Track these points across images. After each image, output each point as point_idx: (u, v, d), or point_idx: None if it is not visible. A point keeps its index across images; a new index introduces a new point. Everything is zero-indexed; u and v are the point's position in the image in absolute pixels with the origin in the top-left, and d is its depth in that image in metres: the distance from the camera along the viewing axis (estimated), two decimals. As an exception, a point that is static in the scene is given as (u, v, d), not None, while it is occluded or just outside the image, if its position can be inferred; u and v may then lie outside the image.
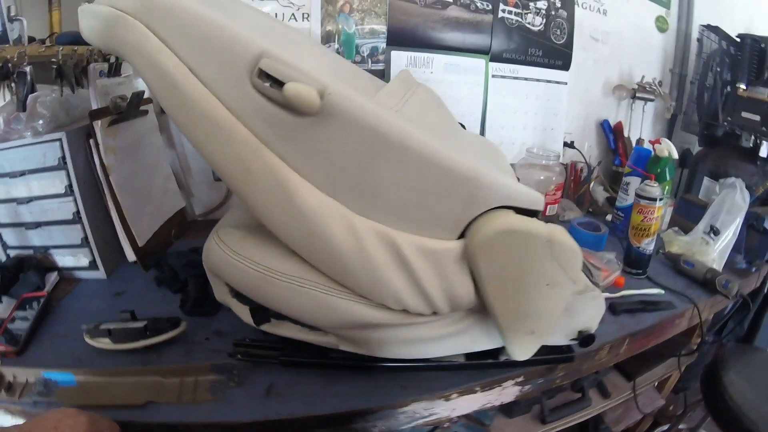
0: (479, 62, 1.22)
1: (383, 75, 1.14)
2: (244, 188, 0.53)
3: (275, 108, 0.49)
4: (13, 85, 0.81)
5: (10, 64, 0.79)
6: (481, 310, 0.61)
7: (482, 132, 1.25)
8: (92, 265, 0.97)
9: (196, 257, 0.90)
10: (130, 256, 0.96)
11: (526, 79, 1.27)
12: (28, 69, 0.80)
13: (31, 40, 0.91)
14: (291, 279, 0.57)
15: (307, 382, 0.70)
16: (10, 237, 0.99)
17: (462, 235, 0.55)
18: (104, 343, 0.77)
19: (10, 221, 0.97)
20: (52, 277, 0.97)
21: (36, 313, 0.86)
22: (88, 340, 0.77)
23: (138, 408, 0.68)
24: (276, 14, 1.07)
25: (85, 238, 0.94)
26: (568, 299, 0.60)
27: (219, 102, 0.51)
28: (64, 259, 0.98)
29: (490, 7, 1.19)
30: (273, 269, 0.57)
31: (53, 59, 0.84)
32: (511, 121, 1.28)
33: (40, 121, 0.85)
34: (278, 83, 0.47)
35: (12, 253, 1.00)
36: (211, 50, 0.50)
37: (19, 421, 0.73)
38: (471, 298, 0.57)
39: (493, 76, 1.23)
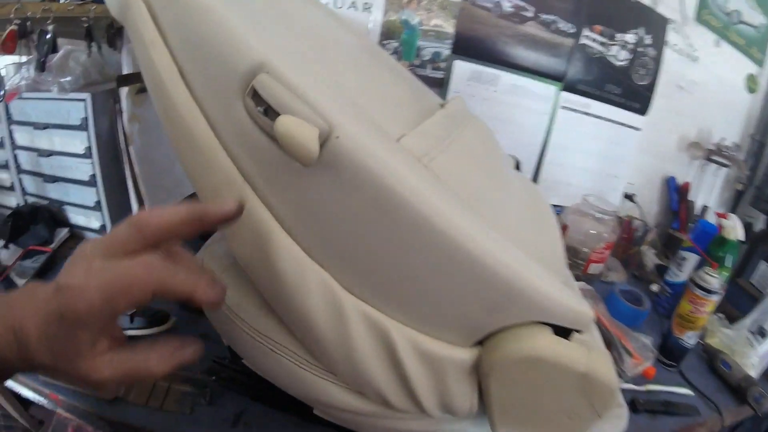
0: (550, 89, 1.05)
1: (441, 84, 0.99)
2: None
3: (266, 141, 0.36)
4: (33, 43, 0.71)
5: (29, 22, 0.69)
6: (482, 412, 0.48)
7: (538, 168, 1.09)
8: (102, 230, 0.90)
9: (203, 249, 0.82)
10: None
11: (597, 116, 1.09)
12: (50, 28, 0.70)
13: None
14: (263, 339, 0.45)
15: (280, 420, 0.62)
16: (30, 184, 0.93)
17: (477, 342, 0.42)
18: (89, 322, 0.70)
19: (32, 169, 0.91)
20: (63, 233, 0.90)
21: (37, 268, 0.80)
22: (77, 313, 0.72)
23: (106, 402, 0.61)
24: (335, 0, 0.94)
25: (98, 202, 0.87)
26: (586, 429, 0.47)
27: (204, 118, 0.40)
28: (76, 217, 0.92)
29: (574, 30, 1.02)
30: (247, 322, 0.46)
31: (84, 18, 0.74)
32: (572, 160, 1.11)
33: (69, 78, 0.76)
34: (274, 112, 0.35)
35: (30, 200, 0.95)
36: (205, 50, 0.38)
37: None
38: (471, 410, 0.45)
39: (563, 107, 1.06)
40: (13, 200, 0.98)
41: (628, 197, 1.14)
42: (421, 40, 0.97)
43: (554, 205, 1.09)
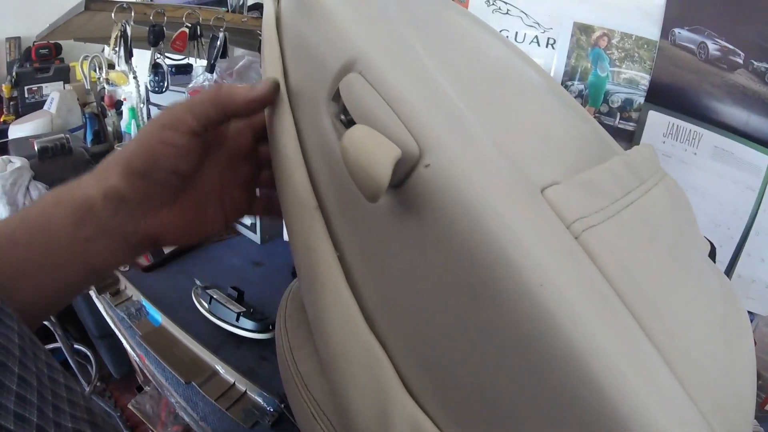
0: (761, 158, 0.79)
1: (630, 138, 0.81)
2: (289, 238, 0.33)
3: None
4: (203, 46, 0.72)
5: (199, 26, 0.70)
6: None
7: (734, 257, 0.83)
8: (252, 227, 0.94)
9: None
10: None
11: (816, 201, 0.81)
12: (221, 35, 0.71)
13: (260, 6, 0.83)
14: (309, 400, 0.35)
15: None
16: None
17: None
18: (201, 305, 0.70)
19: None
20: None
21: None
22: (193, 296, 0.72)
23: (181, 382, 0.60)
24: (516, 33, 0.82)
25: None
26: None
27: (293, 122, 0.31)
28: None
29: None
30: (300, 373, 0.36)
31: (258, 31, 0.74)
32: (779, 255, 0.83)
33: (245, 84, 0.78)
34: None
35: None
36: (307, 46, 0.30)
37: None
38: None
39: (774, 183, 0.80)
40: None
41: None
42: (610, 84, 0.80)
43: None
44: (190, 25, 0.69)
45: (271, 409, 0.57)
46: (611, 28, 0.78)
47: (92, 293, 0.74)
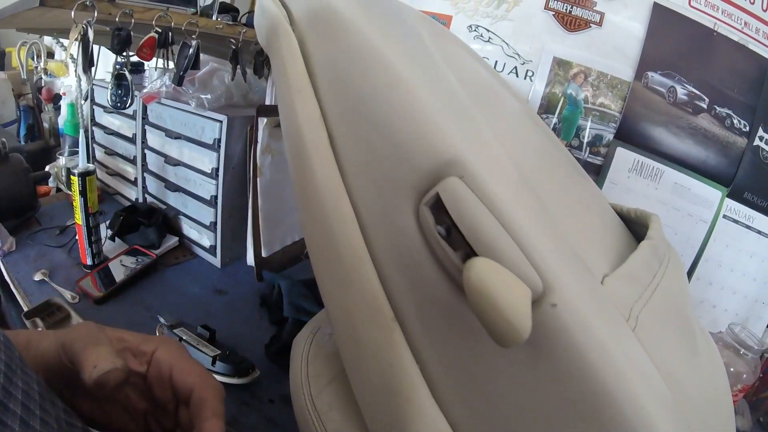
0: (714, 194, 0.85)
1: (598, 172, 0.83)
2: (341, 338, 0.30)
3: (439, 276, 0.24)
4: (173, 54, 0.63)
5: (170, 32, 0.61)
6: None
7: None
8: (212, 250, 0.83)
9: (307, 304, 0.71)
10: (250, 260, 0.80)
11: (759, 232, 0.88)
12: (193, 43, 0.63)
13: (229, 9, 0.75)
14: None
15: None
16: (152, 185, 0.89)
17: None
18: (169, 347, 0.63)
19: (156, 172, 0.87)
20: (171, 241, 0.85)
21: (134, 271, 0.74)
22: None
23: None
24: (495, 62, 0.81)
25: (214, 223, 0.80)
26: None
27: (351, 209, 0.28)
28: (190, 230, 0.86)
29: (747, 128, 0.82)
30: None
31: (232, 39, 0.67)
32: (724, 279, 0.90)
33: (209, 95, 0.70)
34: (462, 241, 0.22)
35: (149, 199, 0.91)
36: (376, 125, 0.26)
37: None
38: None
39: (724, 216, 0.87)
40: (133, 194, 0.95)
41: (776, 331, 0.91)
42: (582, 120, 0.82)
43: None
44: (160, 30, 0.60)
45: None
46: (589, 66, 0.79)
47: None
